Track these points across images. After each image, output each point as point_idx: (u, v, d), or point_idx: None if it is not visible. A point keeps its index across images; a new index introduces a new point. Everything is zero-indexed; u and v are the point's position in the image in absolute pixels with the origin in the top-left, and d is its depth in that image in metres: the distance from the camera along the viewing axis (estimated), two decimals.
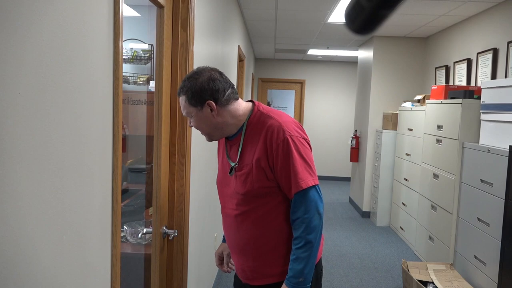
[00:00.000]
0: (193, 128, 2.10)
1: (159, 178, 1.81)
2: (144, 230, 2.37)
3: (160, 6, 1.72)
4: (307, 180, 1.36)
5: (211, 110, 1.39)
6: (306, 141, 1.42)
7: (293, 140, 1.36)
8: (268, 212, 1.42)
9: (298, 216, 1.36)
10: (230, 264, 1.70)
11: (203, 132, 1.47)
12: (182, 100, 1.41)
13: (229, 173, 1.47)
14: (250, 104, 1.48)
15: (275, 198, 1.41)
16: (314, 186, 1.37)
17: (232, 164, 1.46)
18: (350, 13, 1.21)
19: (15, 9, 0.72)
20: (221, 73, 1.43)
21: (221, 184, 1.55)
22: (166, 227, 1.89)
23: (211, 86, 1.38)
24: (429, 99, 4.24)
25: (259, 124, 1.42)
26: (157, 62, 1.79)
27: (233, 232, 1.50)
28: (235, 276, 1.66)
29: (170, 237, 1.91)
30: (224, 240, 1.72)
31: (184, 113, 1.44)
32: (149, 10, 3.48)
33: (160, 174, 1.81)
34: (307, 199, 1.36)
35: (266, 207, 1.42)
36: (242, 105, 1.46)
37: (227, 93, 1.41)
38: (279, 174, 1.37)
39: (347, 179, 8.04)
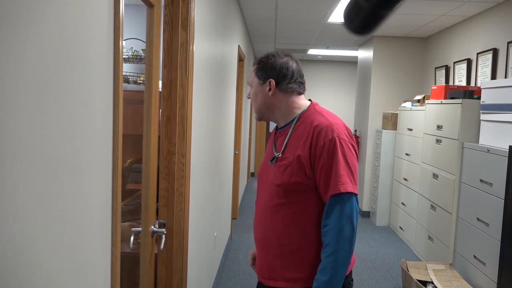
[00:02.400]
0: (193, 127, 2.11)
1: (147, 177, 1.79)
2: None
3: (150, 5, 1.70)
4: (347, 185, 1.30)
5: (269, 89, 1.46)
6: (353, 147, 1.38)
7: (340, 142, 1.33)
8: (300, 212, 1.38)
9: (330, 221, 1.30)
10: None
11: (255, 107, 1.53)
12: (252, 68, 1.51)
13: (270, 162, 1.46)
14: (308, 102, 1.50)
15: (310, 198, 1.37)
16: (353, 194, 1.32)
17: (276, 154, 1.45)
18: (349, 13, 1.21)
19: (15, 9, 0.72)
20: (298, 65, 1.49)
21: (262, 173, 1.54)
22: (155, 226, 1.87)
23: (282, 69, 1.45)
24: (429, 99, 4.24)
25: (309, 120, 1.41)
26: (147, 63, 1.76)
27: (261, 224, 1.47)
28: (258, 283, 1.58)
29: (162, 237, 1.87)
30: None
31: (248, 81, 1.53)
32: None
33: (149, 173, 1.79)
34: (343, 205, 1.30)
35: (299, 206, 1.38)
36: (301, 101, 1.49)
37: (292, 84, 1.46)
38: (319, 173, 1.33)
39: None
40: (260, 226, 1.48)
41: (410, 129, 4.61)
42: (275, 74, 1.45)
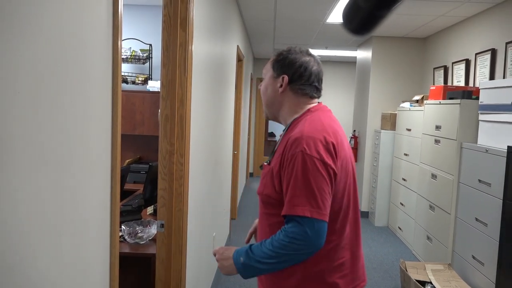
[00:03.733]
0: (192, 127, 2.11)
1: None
2: (142, 230, 2.36)
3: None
4: (299, 208, 1.14)
5: (281, 85, 1.35)
6: (325, 165, 1.17)
7: (304, 158, 1.16)
8: (276, 225, 1.26)
9: (283, 228, 1.18)
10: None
11: (263, 100, 1.43)
12: (271, 58, 1.41)
13: (260, 167, 1.39)
14: (310, 106, 1.37)
15: (280, 214, 1.24)
16: (308, 219, 1.13)
17: (265, 162, 1.36)
18: (348, 14, 1.21)
19: (14, 9, 0.72)
20: (319, 68, 1.38)
21: None
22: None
23: (300, 67, 1.34)
24: (427, 99, 4.25)
25: (295, 128, 1.29)
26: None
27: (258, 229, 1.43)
28: None
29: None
30: None
31: (263, 71, 1.44)
32: (148, 10, 3.49)
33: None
34: (295, 227, 1.15)
35: (274, 218, 1.27)
36: (307, 105, 1.36)
37: (306, 86, 1.34)
38: (284, 189, 1.21)
39: None
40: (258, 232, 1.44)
41: (409, 129, 4.61)
42: (291, 71, 1.34)
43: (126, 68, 3.45)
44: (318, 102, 1.40)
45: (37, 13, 0.78)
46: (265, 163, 1.34)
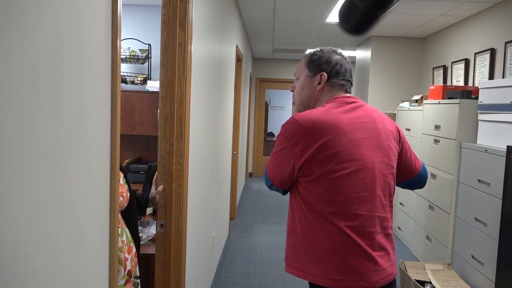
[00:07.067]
0: (191, 128, 2.11)
1: None
2: (141, 230, 2.36)
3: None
4: (267, 164, 1.46)
5: (319, 83, 1.45)
6: (288, 137, 1.34)
7: (280, 130, 1.39)
8: (293, 207, 1.42)
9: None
10: None
11: (298, 100, 1.52)
12: (303, 60, 1.51)
13: None
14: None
15: (292, 195, 1.42)
16: (266, 169, 1.47)
17: None
18: (344, 14, 1.21)
19: (12, 8, 0.71)
20: (350, 66, 1.50)
21: None
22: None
23: (336, 65, 1.45)
24: (427, 99, 4.25)
25: None
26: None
27: None
28: None
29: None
30: None
31: (294, 73, 1.54)
32: (147, 10, 3.48)
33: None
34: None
35: (292, 200, 1.43)
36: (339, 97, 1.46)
37: (343, 81, 1.46)
38: None
39: None
40: None
41: (408, 129, 4.61)
42: (328, 68, 1.44)
43: (125, 68, 3.44)
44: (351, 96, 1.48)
45: (35, 12, 0.78)
46: None
